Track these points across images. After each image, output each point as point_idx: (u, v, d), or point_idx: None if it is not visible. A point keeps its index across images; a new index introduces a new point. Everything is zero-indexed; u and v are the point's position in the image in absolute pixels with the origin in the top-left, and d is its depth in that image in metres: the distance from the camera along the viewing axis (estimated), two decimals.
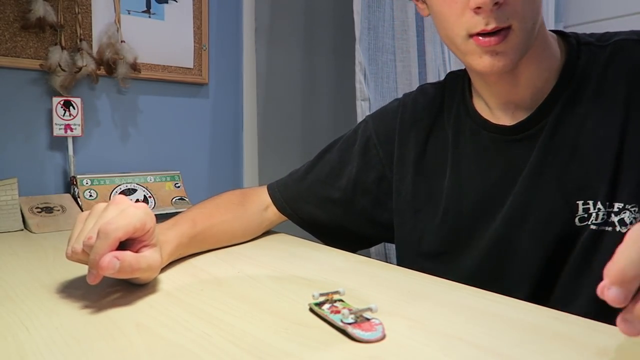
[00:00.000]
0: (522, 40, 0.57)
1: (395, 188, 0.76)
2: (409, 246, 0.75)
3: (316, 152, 0.85)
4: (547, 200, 0.61)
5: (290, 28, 1.46)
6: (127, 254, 0.49)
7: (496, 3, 0.54)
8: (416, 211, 0.73)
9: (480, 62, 0.58)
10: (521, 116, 0.64)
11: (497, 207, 0.65)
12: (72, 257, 0.51)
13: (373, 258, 0.90)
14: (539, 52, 0.62)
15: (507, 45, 0.57)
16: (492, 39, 0.56)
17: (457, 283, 0.56)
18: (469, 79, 0.72)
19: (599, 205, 0.58)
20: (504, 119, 0.66)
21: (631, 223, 0.57)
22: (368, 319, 0.43)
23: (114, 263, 0.47)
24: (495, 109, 0.67)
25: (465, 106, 0.71)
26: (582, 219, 0.59)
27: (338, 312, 0.44)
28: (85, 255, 0.49)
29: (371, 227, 0.80)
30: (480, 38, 0.57)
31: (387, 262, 0.69)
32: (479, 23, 0.56)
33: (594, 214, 0.58)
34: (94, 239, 0.48)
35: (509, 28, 0.56)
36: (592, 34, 0.65)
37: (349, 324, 0.42)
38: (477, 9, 0.55)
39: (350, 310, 0.43)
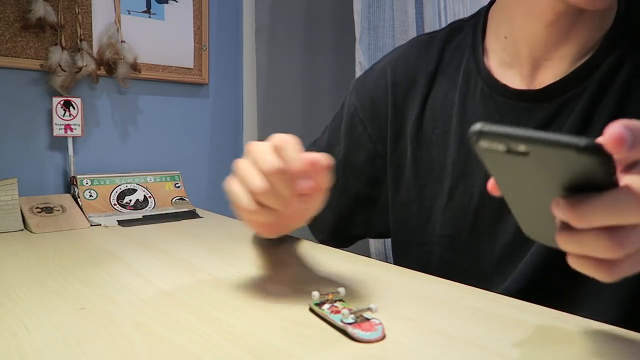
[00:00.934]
0: None
1: (394, 164, 0.69)
2: (415, 227, 0.67)
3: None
4: None
5: (290, 28, 1.46)
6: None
7: None
8: (422, 188, 0.66)
9: None
10: (550, 80, 0.55)
11: None
12: (251, 207, 0.43)
13: (373, 258, 0.89)
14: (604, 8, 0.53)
15: None
16: None
17: (457, 283, 0.56)
18: (483, 31, 0.62)
19: None
20: (529, 81, 0.57)
21: None
22: (368, 319, 0.43)
23: None
24: (524, 64, 0.57)
25: (477, 64, 0.61)
26: None
27: (338, 312, 0.44)
28: (271, 195, 0.43)
29: (369, 208, 0.74)
30: None
31: (387, 262, 0.68)
32: None
33: None
34: (274, 159, 0.42)
35: None
36: None
37: (349, 324, 0.42)
38: None
39: (350, 310, 0.43)
